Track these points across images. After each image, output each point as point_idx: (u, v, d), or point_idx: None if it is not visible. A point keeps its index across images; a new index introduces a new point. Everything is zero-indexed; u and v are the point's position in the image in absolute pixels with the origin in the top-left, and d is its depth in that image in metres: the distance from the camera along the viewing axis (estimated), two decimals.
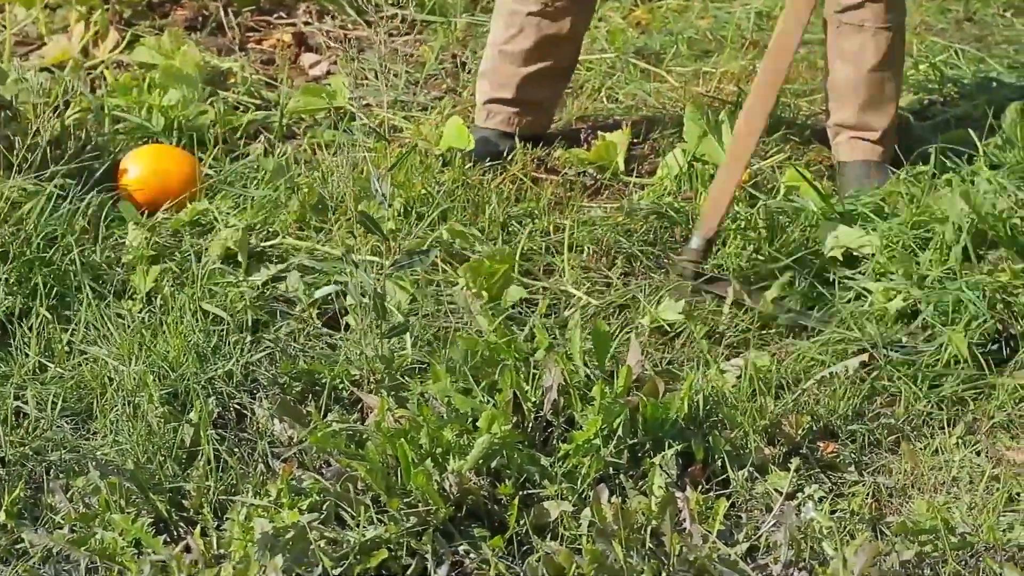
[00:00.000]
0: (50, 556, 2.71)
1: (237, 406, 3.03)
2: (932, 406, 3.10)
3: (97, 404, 3.01)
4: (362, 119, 4.09)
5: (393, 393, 2.99)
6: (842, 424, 3.05)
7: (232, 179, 3.74)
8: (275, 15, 4.77)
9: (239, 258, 3.41)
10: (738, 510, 2.84)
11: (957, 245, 3.32)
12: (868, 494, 2.87)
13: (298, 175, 3.71)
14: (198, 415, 2.90)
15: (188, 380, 3.03)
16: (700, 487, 2.84)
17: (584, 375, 3.01)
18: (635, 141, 4.00)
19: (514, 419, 2.85)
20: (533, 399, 2.93)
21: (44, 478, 2.85)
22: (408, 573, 2.67)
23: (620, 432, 2.85)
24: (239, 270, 3.38)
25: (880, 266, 3.36)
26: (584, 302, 3.32)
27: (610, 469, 2.84)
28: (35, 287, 3.26)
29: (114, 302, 3.27)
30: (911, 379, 3.13)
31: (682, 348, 3.22)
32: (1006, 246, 3.34)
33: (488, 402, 2.90)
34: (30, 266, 3.30)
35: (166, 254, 3.42)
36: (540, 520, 2.75)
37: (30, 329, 3.18)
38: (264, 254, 3.46)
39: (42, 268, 3.30)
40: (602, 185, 3.84)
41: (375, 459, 2.76)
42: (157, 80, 4.10)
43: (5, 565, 2.70)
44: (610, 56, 4.46)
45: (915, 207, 3.49)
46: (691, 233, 3.43)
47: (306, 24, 4.72)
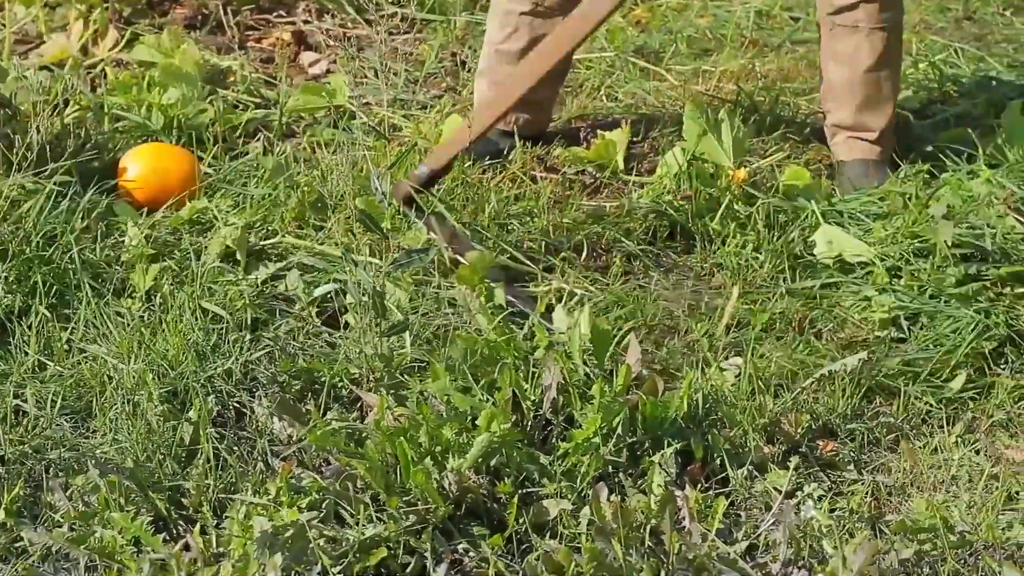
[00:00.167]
0: (49, 554, 2.71)
1: (236, 404, 3.03)
2: (931, 405, 3.10)
3: (96, 402, 3.01)
4: (362, 118, 4.09)
5: (392, 391, 2.99)
6: (841, 422, 3.05)
7: (231, 177, 3.74)
8: (275, 13, 4.77)
9: (238, 256, 3.41)
10: (737, 508, 2.84)
11: (951, 268, 3.31)
12: (867, 492, 2.87)
13: (298, 174, 3.71)
14: (197, 413, 2.90)
15: (187, 378, 3.02)
16: (699, 485, 2.84)
17: (583, 373, 3.01)
18: (634, 140, 3.99)
19: (513, 417, 2.85)
20: (532, 397, 2.93)
21: (43, 476, 2.85)
22: (407, 571, 2.67)
23: (619, 430, 2.85)
24: (238, 268, 3.38)
25: (877, 276, 3.35)
26: (583, 300, 3.32)
27: (609, 467, 2.84)
28: (34, 285, 3.26)
29: (113, 300, 3.27)
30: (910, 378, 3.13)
31: (682, 346, 3.23)
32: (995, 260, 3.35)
33: (487, 400, 2.90)
34: (29, 264, 3.30)
35: (165, 252, 3.42)
36: (539, 518, 2.75)
37: (29, 327, 3.17)
38: (263, 252, 3.46)
39: (41, 266, 3.30)
40: (601, 184, 3.84)
41: (374, 457, 2.76)
42: (156, 78, 4.10)
43: (4, 563, 2.70)
44: (609, 55, 4.46)
45: (911, 215, 3.47)
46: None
47: (306, 23, 4.72)
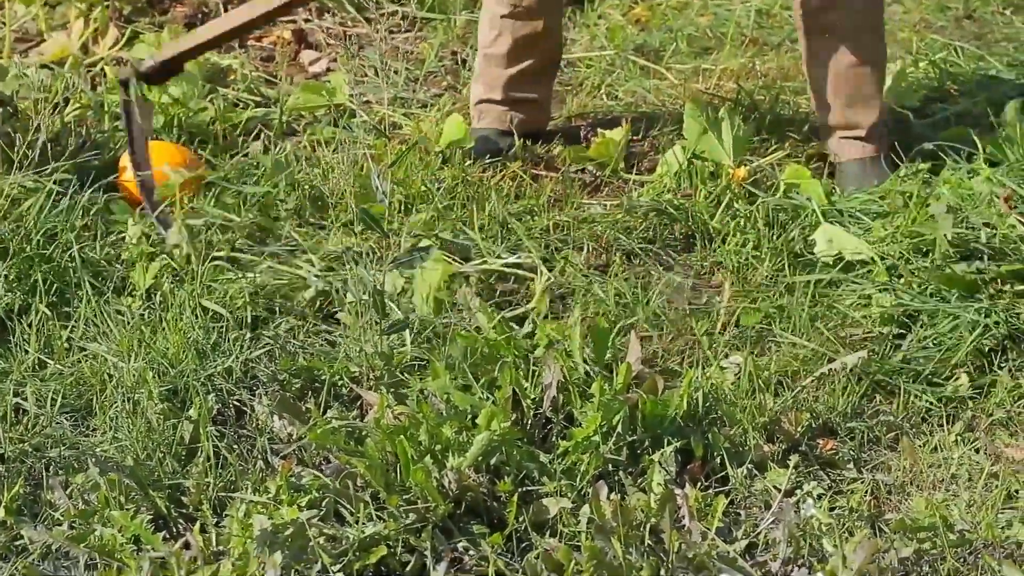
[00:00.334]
0: (49, 552, 2.71)
1: (236, 403, 3.03)
2: (931, 403, 3.10)
3: (96, 401, 3.01)
4: (362, 116, 4.09)
5: (392, 390, 2.99)
6: (841, 421, 3.05)
7: (232, 176, 3.74)
8: None
9: (239, 255, 3.41)
10: (737, 507, 2.84)
11: (951, 265, 3.31)
12: (867, 491, 2.87)
13: (298, 172, 3.71)
14: (197, 412, 2.90)
15: (187, 377, 3.03)
16: (699, 484, 2.84)
17: (583, 372, 3.01)
18: (635, 138, 3.99)
19: (513, 416, 2.85)
20: (532, 396, 2.93)
21: (43, 474, 2.85)
22: (407, 570, 2.67)
23: (619, 429, 2.85)
24: (238, 267, 3.38)
25: (877, 275, 3.35)
26: (583, 299, 3.32)
27: (609, 466, 2.84)
28: (35, 283, 3.26)
29: (113, 299, 3.27)
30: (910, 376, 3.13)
31: (681, 345, 3.23)
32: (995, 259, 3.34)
33: (487, 399, 2.90)
34: (30, 263, 3.31)
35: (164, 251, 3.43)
36: (539, 517, 2.75)
37: (30, 325, 3.18)
38: (263, 251, 3.46)
39: (42, 265, 3.30)
40: (602, 182, 3.84)
41: (374, 456, 2.76)
42: None
43: (4, 561, 2.70)
44: (610, 53, 4.46)
45: (910, 213, 3.47)
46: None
47: (306, 21, 4.72)
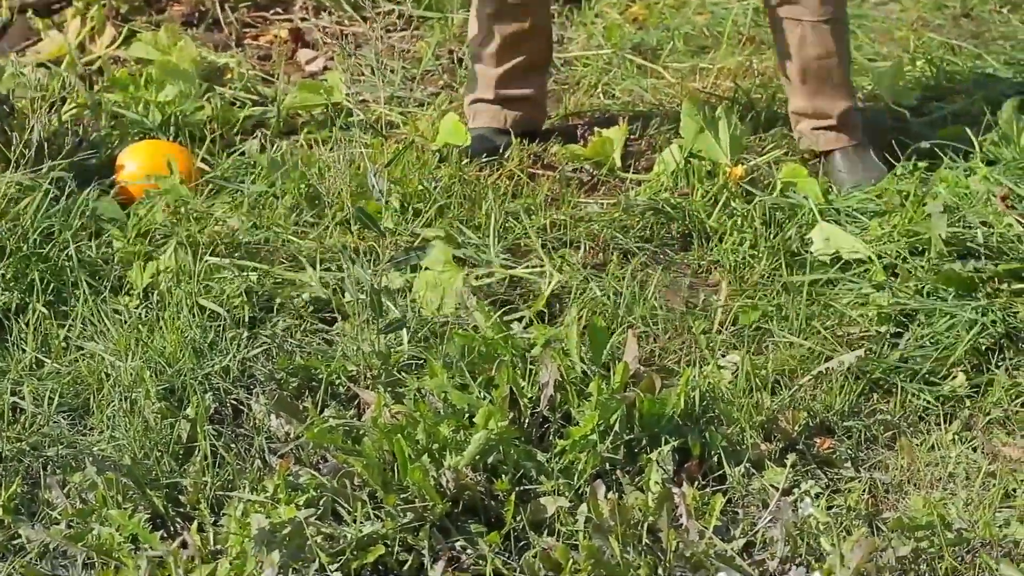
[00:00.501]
0: (47, 551, 2.71)
1: (234, 402, 3.03)
2: (928, 402, 3.10)
3: (94, 400, 3.01)
4: (359, 115, 4.09)
5: (390, 389, 2.99)
6: (838, 420, 3.05)
7: (228, 175, 3.74)
8: (272, 11, 4.77)
9: (236, 254, 3.41)
10: (734, 506, 2.84)
11: (948, 263, 3.31)
12: (864, 490, 2.87)
13: (294, 171, 3.71)
14: (195, 411, 2.90)
15: (185, 376, 3.02)
16: (696, 483, 2.84)
17: (581, 371, 3.01)
18: (632, 137, 3.99)
19: (511, 415, 2.85)
20: (530, 395, 2.93)
21: (41, 474, 2.85)
22: (405, 569, 2.67)
23: (617, 428, 2.85)
24: (235, 266, 3.38)
25: (874, 274, 3.35)
26: (580, 298, 3.32)
27: (607, 465, 2.84)
28: (32, 283, 3.26)
29: (111, 298, 3.27)
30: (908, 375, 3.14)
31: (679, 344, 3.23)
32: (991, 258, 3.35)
33: (485, 398, 2.90)
34: (27, 262, 3.30)
35: (163, 250, 3.42)
36: (537, 516, 2.75)
37: (27, 325, 3.17)
38: (261, 250, 3.46)
39: (39, 264, 3.30)
40: (599, 181, 3.84)
41: (372, 455, 2.76)
42: (154, 76, 4.10)
43: (2, 560, 2.70)
44: (607, 52, 4.46)
45: (907, 212, 3.47)
46: None
47: (303, 20, 4.71)
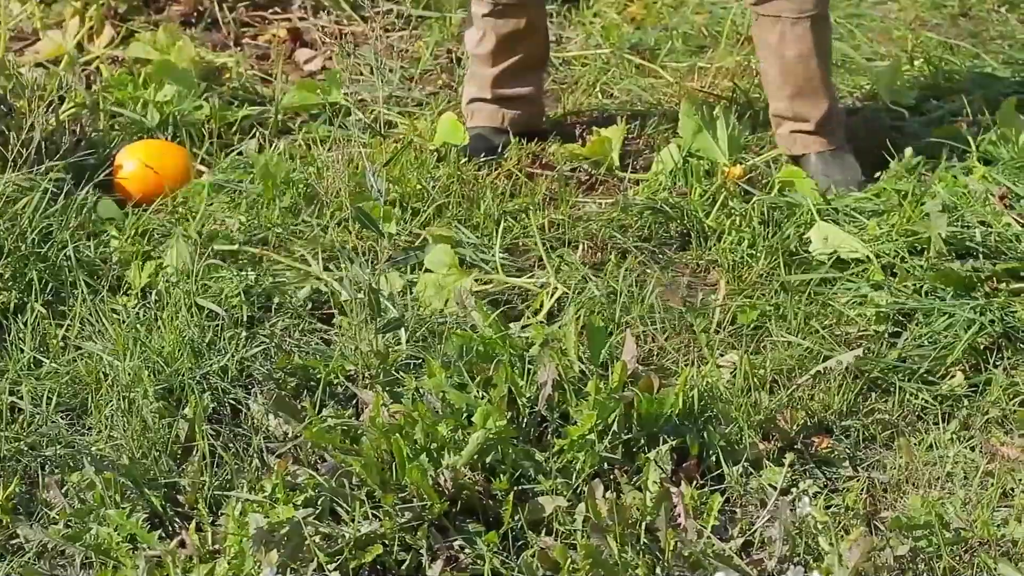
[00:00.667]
0: (45, 551, 2.71)
1: (232, 401, 3.03)
2: (926, 401, 3.10)
3: (92, 399, 3.01)
4: (357, 115, 4.09)
5: (388, 388, 2.99)
6: (836, 419, 3.05)
7: (226, 174, 3.74)
8: (270, 10, 4.77)
9: (234, 253, 3.41)
10: (733, 505, 2.84)
11: (947, 263, 3.31)
12: (863, 489, 2.87)
13: (293, 170, 3.71)
14: (193, 410, 2.90)
15: (183, 375, 3.02)
16: (695, 482, 2.84)
17: (579, 370, 3.01)
18: (630, 136, 3.99)
19: (509, 414, 2.85)
20: (528, 394, 2.93)
21: (39, 473, 2.85)
22: (403, 568, 2.67)
23: (615, 427, 2.85)
24: (234, 265, 3.38)
25: (873, 273, 3.35)
26: (578, 297, 3.32)
27: (605, 464, 2.84)
28: (30, 282, 3.26)
29: (109, 297, 3.26)
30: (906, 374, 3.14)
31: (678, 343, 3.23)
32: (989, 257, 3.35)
33: (483, 397, 2.90)
34: (25, 261, 3.30)
35: (160, 250, 3.42)
36: (535, 515, 2.75)
37: (25, 324, 3.17)
38: (259, 249, 3.46)
39: (37, 263, 3.30)
40: (597, 180, 3.84)
41: (370, 454, 2.76)
42: (152, 75, 4.10)
43: (0, 560, 2.70)
44: (605, 51, 4.46)
45: (905, 212, 3.47)
46: None
47: (301, 20, 4.72)
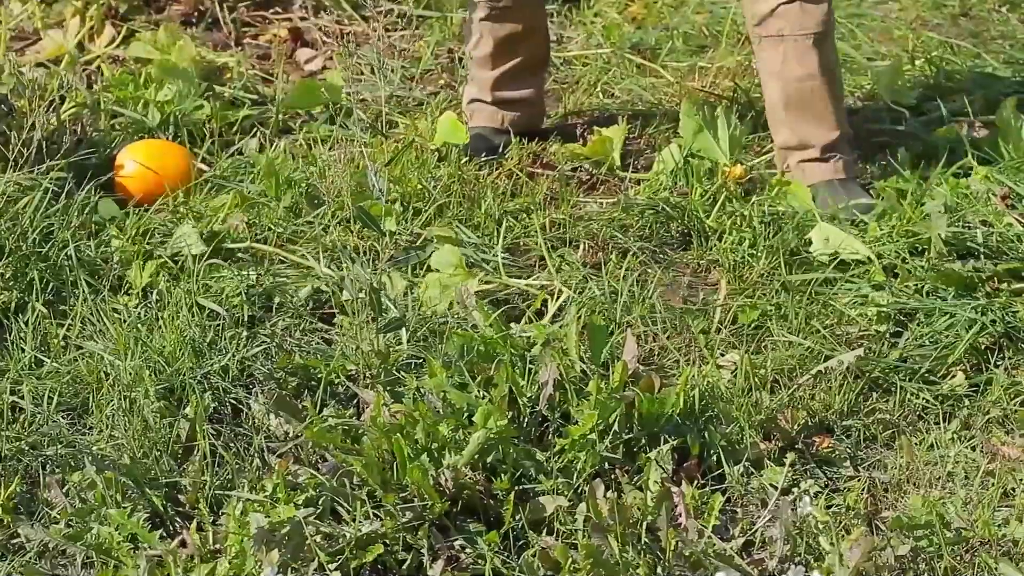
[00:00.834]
0: (46, 551, 2.71)
1: (233, 401, 3.03)
2: (927, 401, 3.10)
3: (93, 399, 3.01)
4: (358, 114, 4.09)
5: (389, 388, 2.99)
6: (837, 419, 3.05)
7: (227, 174, 3.74)
8: (271, 10, 4.77)
9: (235, 252, 3.41)
10: (733, 505, 2.84)
11: (948, 263, 3.31)
12: (863, 489, 2.87)
13: (293, 170, 3.71)
14: (194, 410, 2.90)
15: (184, 375, 3.02)
16: (695, 482, 2.84)
17: (580, 370, 3.01)
18: (631, 136, 3.99)
19: (510, 414, 2.85)
20: (529, 394, 2.93)
21: (40, 473, 2.85)
22: (404, 568, 2.67)
23: (616, 427, 2.85)
24: (235, 265, 3.38)
25: (874, 273, 3.35)
26: (578, 297, 3.32)
27: (606, 464, 2.84)
28: (31, 282, 3.26)
29: (110, 297, 3.27)
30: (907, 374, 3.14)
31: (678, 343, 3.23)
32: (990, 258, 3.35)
33: (484, 397, 2.90)
34: (26, 261, 3.30)
35: (161, 249, 3.42)
36: (536, 515, 2.75)
37: (26, 324, 3.17)
38: (260, 248, 3.46)
39: (38, 263, 3.30)
40: (598, 180, 3.84)
41: (371, 454, 2.76)
42: (153, 75, 4.10)
43: (1, 560, 2.70)
44: (606, 51, 4.46)
45: (906, 212, 3.47)
46: None
47: (302, 19, 4.72)
